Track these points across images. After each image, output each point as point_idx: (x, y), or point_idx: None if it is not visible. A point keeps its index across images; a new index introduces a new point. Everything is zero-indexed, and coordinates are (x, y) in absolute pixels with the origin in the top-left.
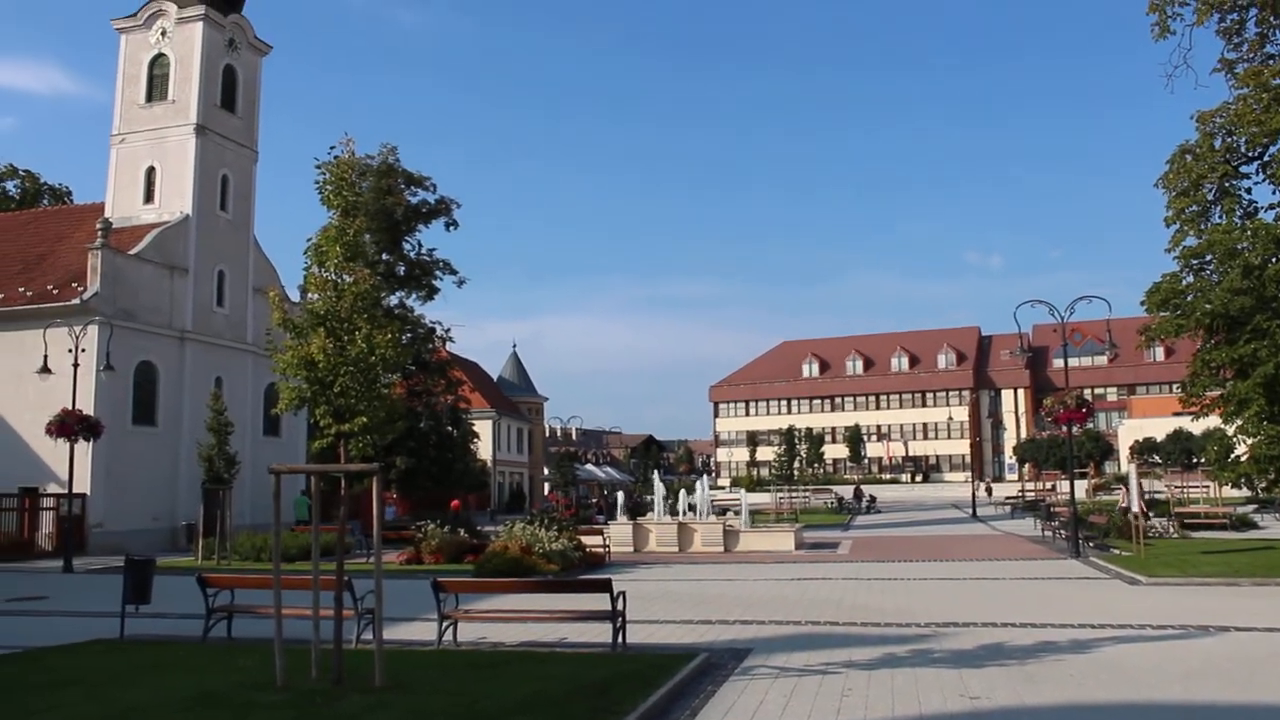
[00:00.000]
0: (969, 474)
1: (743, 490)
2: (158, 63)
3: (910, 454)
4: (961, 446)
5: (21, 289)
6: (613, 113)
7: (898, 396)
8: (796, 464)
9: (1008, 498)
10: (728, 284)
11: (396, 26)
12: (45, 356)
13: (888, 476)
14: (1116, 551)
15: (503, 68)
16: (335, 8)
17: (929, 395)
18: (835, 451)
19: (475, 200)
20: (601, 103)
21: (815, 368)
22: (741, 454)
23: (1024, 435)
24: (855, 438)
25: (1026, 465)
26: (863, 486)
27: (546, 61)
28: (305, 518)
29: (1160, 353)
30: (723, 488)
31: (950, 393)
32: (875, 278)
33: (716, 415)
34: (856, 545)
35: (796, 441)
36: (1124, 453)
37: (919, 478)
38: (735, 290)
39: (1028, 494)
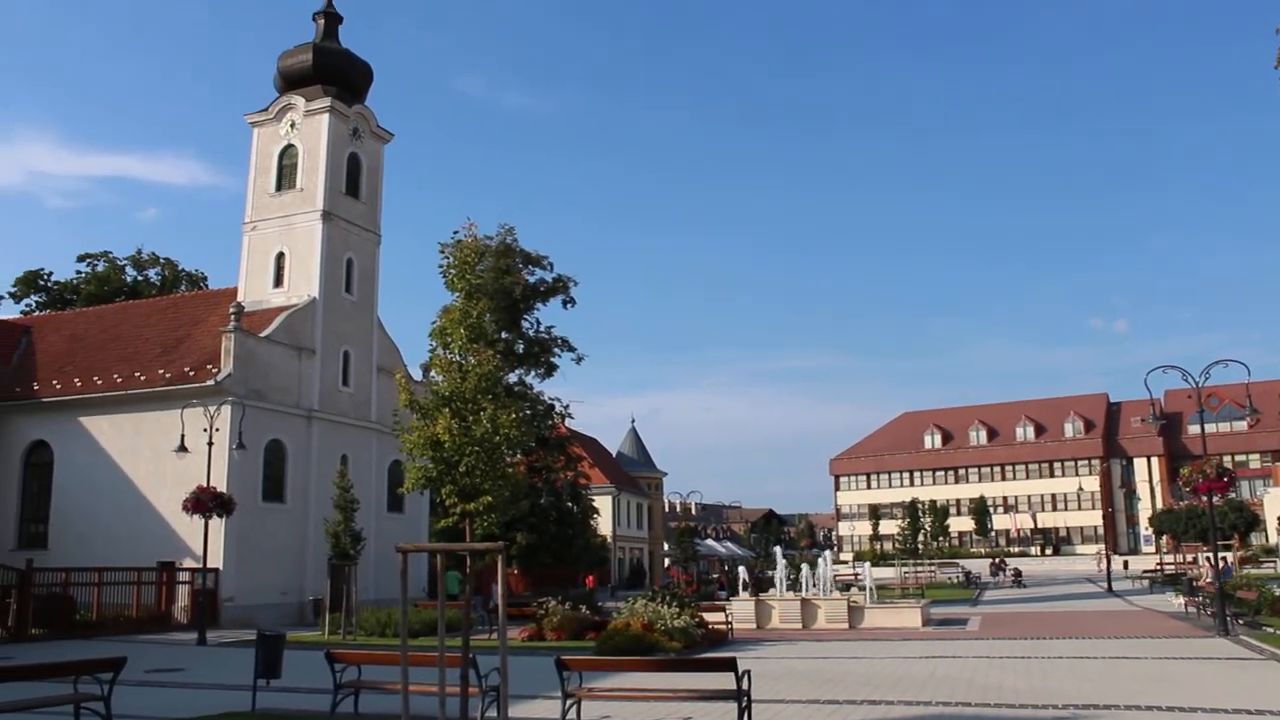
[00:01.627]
0: (1101, 546)
1: (867, 564)
2: (287, 153)
3: (1039, 526)
4: (1093, 518)
5: (161, 371)
6: (720, 180)
7: (1024, 467)
8: (920, 537)
9: (1145, 571)
10: (846, 356)
11: (512, 108)
12: (182, 435)
13: (1016, 549)
14: (1271, 630)
15: (619, 140)
16: (451, 93)
17: (1057, 465)
18: (960, 524)
19: (593, 276)
20: (709, 172)
21: (938, 439)
22: (864, 527)
23: (1159, 505)
24: (981, 510)
25: (1164, 537)
26: (1005, 559)
27: (662, 133)
28: (455, 592)
29: None
30: (845, 562)
31: (1079, 462)
32: (995, 347)
33: (837, 488)
34: (986, 621)
35: (920, 514)
36: (1271, 523)
37: (1048, 550)
38: (854, 362)
39: (1166, 567)
